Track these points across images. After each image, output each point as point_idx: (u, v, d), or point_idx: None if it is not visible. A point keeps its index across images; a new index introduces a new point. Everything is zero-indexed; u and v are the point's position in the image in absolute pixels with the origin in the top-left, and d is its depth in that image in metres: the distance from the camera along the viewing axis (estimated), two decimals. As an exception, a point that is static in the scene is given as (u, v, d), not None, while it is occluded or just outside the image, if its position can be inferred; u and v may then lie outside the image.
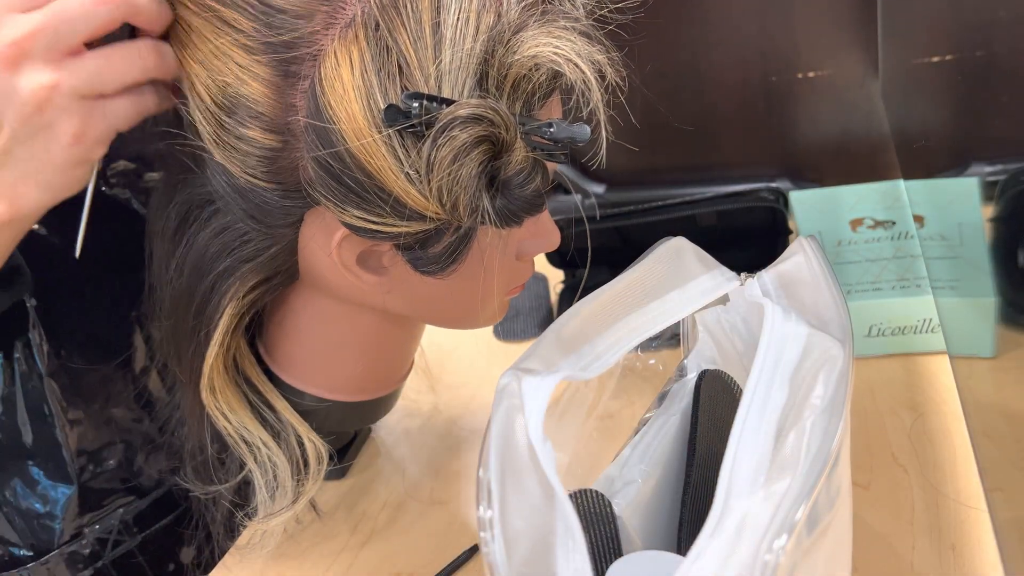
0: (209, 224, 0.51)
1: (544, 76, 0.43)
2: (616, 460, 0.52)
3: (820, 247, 0.47)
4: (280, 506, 0.58)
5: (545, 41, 0.43)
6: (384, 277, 0.50)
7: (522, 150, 0.43)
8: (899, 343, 0.70)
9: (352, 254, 0.49)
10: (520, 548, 0.35)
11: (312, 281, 0.54)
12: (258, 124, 0.45)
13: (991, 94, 0.60)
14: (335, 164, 0.44)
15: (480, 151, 0.42)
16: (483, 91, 0.43)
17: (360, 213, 0.45)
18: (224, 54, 0.45)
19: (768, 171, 1.02)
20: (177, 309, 0.54)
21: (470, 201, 0.43)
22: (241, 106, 0.45)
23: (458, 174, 0.42)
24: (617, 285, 0.47)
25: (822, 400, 0.38)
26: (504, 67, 0.43)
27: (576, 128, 0.43)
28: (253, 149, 0.46)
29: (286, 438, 0.58)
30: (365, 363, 0.60)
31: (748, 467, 0.35)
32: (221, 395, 0.55)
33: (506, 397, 0.39)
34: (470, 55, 0.42)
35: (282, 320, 0.57)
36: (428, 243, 0.47)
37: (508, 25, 0.43)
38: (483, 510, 0.35)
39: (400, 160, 0.42)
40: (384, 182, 0.43)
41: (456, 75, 0.42)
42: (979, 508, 0.54)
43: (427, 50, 0.42)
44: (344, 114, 0.42)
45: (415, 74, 0.42)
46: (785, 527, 0.32)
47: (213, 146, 0.47)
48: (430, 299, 0.53)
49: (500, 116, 0.42)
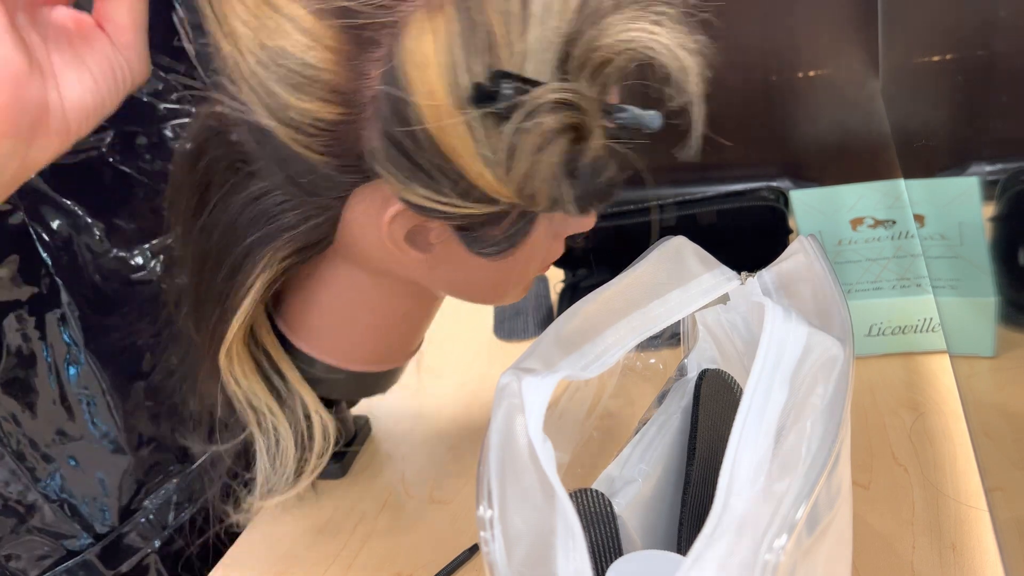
0: (244, 187, 0.49)
1: (627, 61, 0.41)
2: (616, 460, 0.52)
3: (820, 246, 0.47)
4: (280, 479, 0.57)
5: (639, 26, 0.40)
6: (429, 255, 0.49)
7: (601, 137, 0.42)
8: (899, 342, 0.70)
9: (403, 230, 0.47)
10: (520, 548, 0.35)
11: (347, 252, 0.52)
12: (318, 93, 0.42)
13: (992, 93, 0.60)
14: (407, 141, 0.41)
15: (565, 138, 0.40)
16: (564, 72, 0.40)
17: (425, 192, 0.43)
18: (283, 14, 0.42)
19: (768, 170, 1.02)
20: (202, 272, 0.52)
21: (551, 190, 0.41)
22: (298, 72, 0.42)
23: (542, 161, 0.40)
24: (617, 284, 0.47)
25: (822, 400, 0.38)
26: (591, 49, 0.40)
27: (649, 115, 0.41)
28: (307, 119, 0.43)
29: (292, 408, 0.57)
30: (382, 336, 0.60)
31: (748, 467, 0.35)
32: (236, 360, 0.54)
33: (506, 396, 0.39)
34: (557, 33, 0.40)
35: (303, 287, 0.56)
36: (488, 225, 0.46)
37: (599, 5, 0.40)
38: (483, 509, 0.35)
39: (479, 141, 0.40)
40: (459, 164, 0.41)
41: (542, 54, 0.40)
42: (979, 508, 0.54)
43: (515, 25, 0.39)
44: (425, 89, 0.40)
45: (501, 51, 0.39)
46: (785, 527, 0.32)
47: (259, 111, 0.44)
48: (467, 279, 0.52)
49: (587, 102, 0.40)
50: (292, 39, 0.42)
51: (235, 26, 0.43)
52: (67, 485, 0.61)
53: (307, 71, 0.42)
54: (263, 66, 0.42)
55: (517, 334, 0.87)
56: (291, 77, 0.42)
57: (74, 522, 0.61)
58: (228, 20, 0.43)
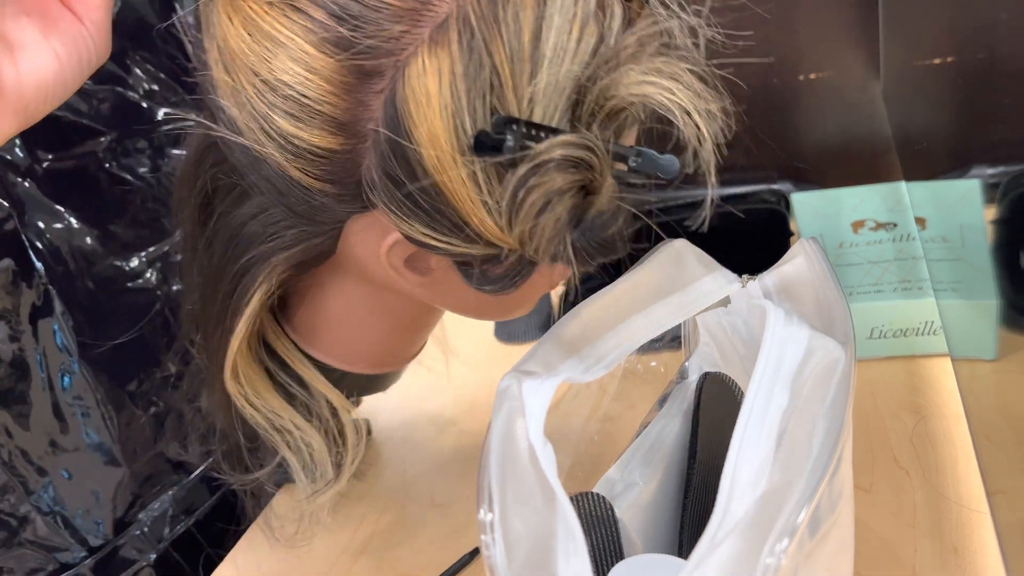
0: (240, 204, 0.48)
1: (644, 111, 0.40)
2: (617, 463, 0.52)
3: (821, 249, 0.47)
4: (322, 483, 0.55)
5: (658, 81, 0.38)
6: (428, 277, 0.48)
7: (610, 190, 0.39)
8: (901, 345, 0.70)
9: (401, 257, 0.46)
10: (521, 551, 0.35)
11: (348, 265, 0.51)
12: (317, 123, 0.41)
13: (993, 96, 0.60)
14: (407, 180, 0.40)
15: (571, 196, 0.38)
16: (575, 118, 0.38)
17: (424, 229, 0.41)
18: (282, 44, 0.40)
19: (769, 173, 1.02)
20: (205, 290, 0.52)
21: (553, 245, 0.39)
22: (296, 102, 0.41)
23: (546, 218, 0.38)
24: (618, 287, 0.47)
25: (824, 403, 0.37)
26: (604, 98, 0.38)
27: (665, 160, 0.39)
28: (305, 147, 0.42)
29: (318, 413, 0.55)
30: (388, 340, 0.59)
31: (750, 470, 0.35)
32: (245, 379, 0.53)
33: (507, 399, 0.38)
34: (569, 77, 0.37)
35: (307, 293, 0.55)
36: (488, 263, 0.44)
37: (615, 51, 0.38)
38: (483, 513, 0.35)
39: (481, 188, 0.38)
40: (459, 210, 0.39)
41: (552, 99, 0.37)
42: (981, 511, 0.54)
43: (525, 66, 0.37)
44: (426, 132, 0.38)
45: (508, 94, 0.37)
46: (787, 530, 0.32)
47: (257, 136, 0.42)
48: (468, 301, 0.52)
49: (599, 158, 0.37)
50: (291, 70, 0.40)
51: (234, 54, 0.42)
52: (60, 497, 0.60)
53: (306, 101, 0.41)
54: (260, 94, 0.42)
55: (518, 336, 0.87)
56: (289, 106, 0.41)
57: (67, 535, 0.60)
58: (227, 48, 0.42)
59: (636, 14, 0.40)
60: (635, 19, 0.40)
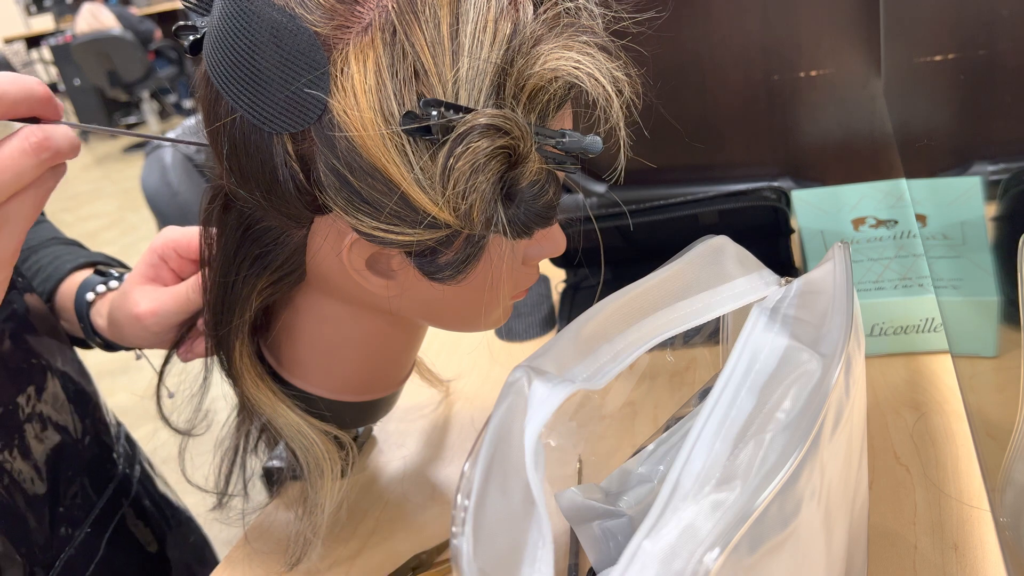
0: (227, 217, 0.52)
1: (561, 88, 0.43)
2: (639, 454, 0.51)
3: (847, 256, 0.46)
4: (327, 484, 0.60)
5: (566, 55, 0.42)
6: (392, 281, 0.50)
7: (536, 161, 0.43)
8: (901, 342, 0.70)
9: (362, 258, 0.48)
10: (490, 545, 0.35)
11: (319, 283, 0.54)
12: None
13: (994, 93, 0.60)
14: (346, 171, 0.43)
15: (498, 161, 0.41)
16: (499, 100, 0.42)
17: (371, 221, 0.44)
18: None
19: (770, 170, 1.02)
20: (215, 305, 0.56)
21: (485, 211, 0.42)
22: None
23: (475, 184, 0.41)
24: (647, 283, 0.46)
25: (787, 415, 0.37)
26: (523, 78, 0.42)
27: (588, 140, 0.43)
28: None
29: (293, 439, 0.59)
30: (368, 365, 0.60)
31: (699, 469, 0.35)
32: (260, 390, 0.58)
33: (512, 394, 0.38)
34: (488, 63, 0.41)
35: (286, 321, 0.58)
36: (439, 251, 0.47)
37: (528, 36, 0.42)
38: (460, 498, 0.35)
39: (413, 167, 0.42)
40: (396, 189, 0.43)
41: (473, 83, 0.41)
42: (981, 508, 0.54)
43: (445, 57, 0.41)
44: (355, 120, 0.42)
45: (432, 80, 0.41)
46: (719, 541, 0.32)
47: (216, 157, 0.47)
48: (437, 303, 0.53)
49: (518, 127, 0.41)
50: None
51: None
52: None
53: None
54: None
55: (519, 334, 0.87)
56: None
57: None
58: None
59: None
60: (544, 3, 0.44)
